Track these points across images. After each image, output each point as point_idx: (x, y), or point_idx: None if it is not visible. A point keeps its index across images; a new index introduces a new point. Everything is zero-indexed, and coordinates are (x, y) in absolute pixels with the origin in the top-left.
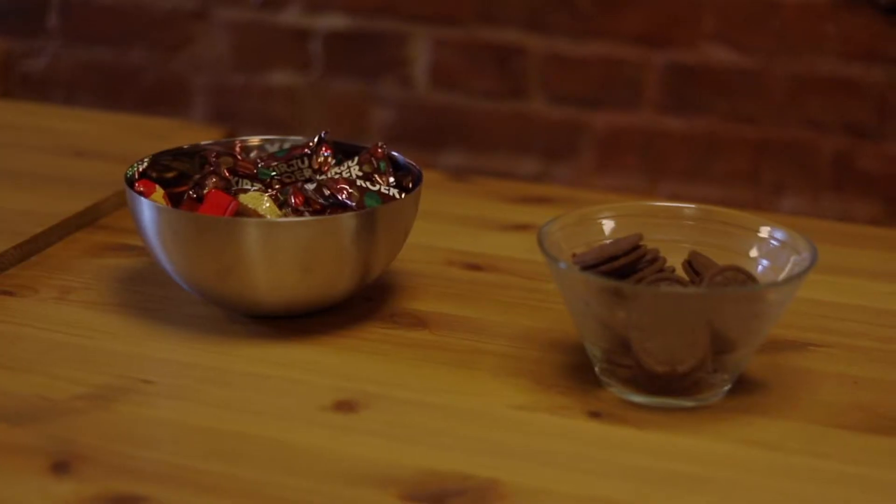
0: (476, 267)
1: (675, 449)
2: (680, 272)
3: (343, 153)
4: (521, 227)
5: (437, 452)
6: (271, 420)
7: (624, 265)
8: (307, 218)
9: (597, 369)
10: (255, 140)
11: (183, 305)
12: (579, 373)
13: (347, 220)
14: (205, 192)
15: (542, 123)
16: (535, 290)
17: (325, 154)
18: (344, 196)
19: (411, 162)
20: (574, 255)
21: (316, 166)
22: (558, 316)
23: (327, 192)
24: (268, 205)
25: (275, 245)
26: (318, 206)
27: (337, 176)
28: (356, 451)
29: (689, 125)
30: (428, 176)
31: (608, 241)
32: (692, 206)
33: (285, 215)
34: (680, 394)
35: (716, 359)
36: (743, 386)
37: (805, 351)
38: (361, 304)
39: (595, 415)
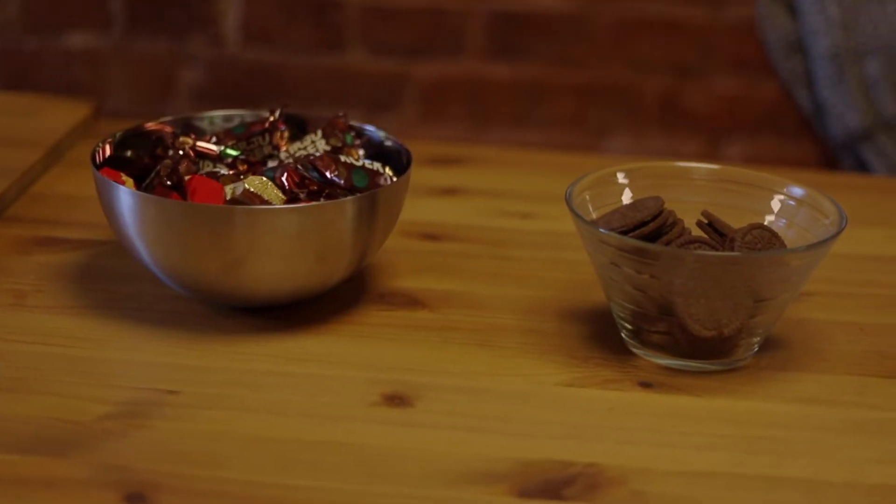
0: (433, 237)
1: (743, 414)
2: (696, 233)
3: (295, 126)
4: (451, 192)
5: (520, 441)
6: (327, 422)
7: (653, 230)
8: (323, 202)
9: (623, 335)
10: (183, 116)
11: (158, 302)
12: (603, 341)
13: (356, 203)
14: (186, 178)
15: (363, 76)
16: (506, 258)
17: (281, 129)
18: (333, 174)
19: (376, 130)
20: (592, 221)
21: (276, 143)
22: (547, 284)
23: (316, 172)
24: (274, 191)
25: (292, 232)
26: (316, 187)
27: (303, 152)
28: (437, 447)
29: (514, 72)
30: None
31: (625, 205)
32: (704, 165)
33: (286, 200)
34: (714, 357)
35: (752, 320)
36: (763, 343)
37: (800, 301)
38: (341, 286)
39: (646, 385)
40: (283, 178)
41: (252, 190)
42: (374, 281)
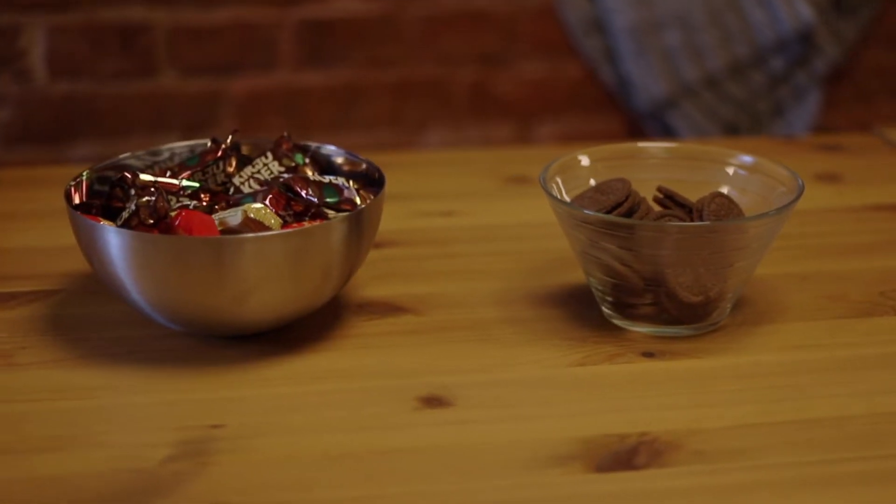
0: (376, 245)
1: (747, 368)
2: (655, 208)
3: (235, 152)
4: None
5: (569, 422)
6: (384, 432)
7: (627, 209)
8: (326, 222)
9: (605, 309)
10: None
11: (148, 342)
12: (586, 319)
13: (351, 219)
14: (173, 214)
15: (178, 98)
16: (455, 256)
17: (230, 155)
18: (309, 193)
19: (329, 148)
20: (572, 203)
21: (226, 169)
22: (506, 275)
23: (291, 193)
24: (273, 217)
25: (300, 255)
26: (301, 208)
27: (258, 176)
28: (497, 439)
29: (328, 77)
30: None
31: (593, 188)
32: (657, 144)
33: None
34: (695, 321)
35: (728, 283)
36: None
37: None
38: None
39: (649, 355)
40: (268, 202)
41: (253, 217)
42: (345, 294)
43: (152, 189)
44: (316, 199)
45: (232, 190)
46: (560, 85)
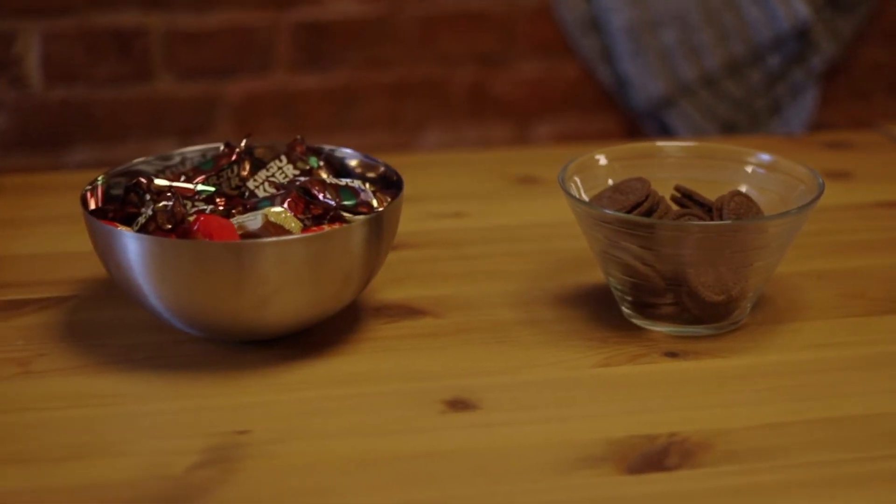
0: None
1: (771, 367)
2: (674, 208)
3: (248, 155)
4: None
5: (596, 423)
6: (411, 436)
7: (647, 209)
8: (347, 226)
9: (625, 309)
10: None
11: (166, 347)
12: (606, 320)
13: (372, 221)
14: (191, 219)
15: (174, 102)
16: (468, 258)
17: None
18: (327, 196)
19: (336, 150)
20: (592, 203)
21: (243, 173)
22: (521, 276)
23: (308, 196)
24: (294, 221)
25: (321, 258)
26: (320, 211)
27: (273, 179)
28: (525, 441)
29: (325, 79)
30: None
31: (611, 188)
32: (674, 143)
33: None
34: (717, 320)
35: (749, 282)
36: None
37: None
38: None
39: (672, 355)
40: (286, 206)
41: (273, 221)
42: (363, 297)
43: (168, 194)
44: (333, 203)
45: (247, 194)
46: (558, 85)
